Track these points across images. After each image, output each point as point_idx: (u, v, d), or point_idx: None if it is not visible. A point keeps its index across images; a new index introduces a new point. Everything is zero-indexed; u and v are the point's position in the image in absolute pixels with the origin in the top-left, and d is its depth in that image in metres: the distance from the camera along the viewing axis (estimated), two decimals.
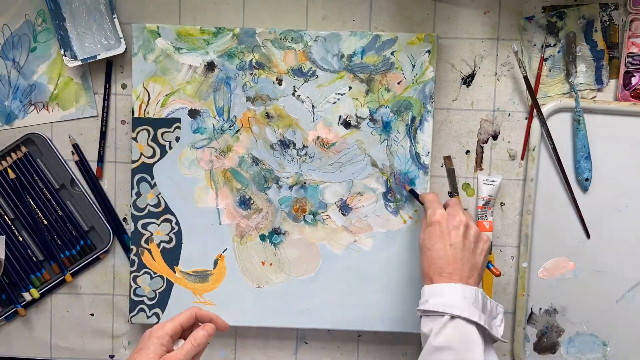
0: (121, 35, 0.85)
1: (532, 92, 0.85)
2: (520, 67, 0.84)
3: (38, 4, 0.86)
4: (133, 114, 0.85)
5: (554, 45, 0.86)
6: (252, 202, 0.86)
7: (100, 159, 0.88)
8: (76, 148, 0.88)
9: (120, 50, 0.85)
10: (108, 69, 0.87)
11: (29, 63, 0.87)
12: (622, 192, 0.87)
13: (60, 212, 0.87)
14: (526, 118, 0.87)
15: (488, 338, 0.70)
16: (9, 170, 0.87)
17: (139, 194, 0.85)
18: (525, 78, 0.84)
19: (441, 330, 0.67)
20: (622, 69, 0.86)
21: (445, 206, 0.76)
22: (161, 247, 0.86)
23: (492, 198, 0.86)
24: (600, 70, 0.86)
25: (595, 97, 0.86)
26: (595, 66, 0.86)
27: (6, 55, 0.87)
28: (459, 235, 0.72)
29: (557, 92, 0.85)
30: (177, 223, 0.86)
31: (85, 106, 0.88)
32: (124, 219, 0.89)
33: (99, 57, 0.84)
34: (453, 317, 0.68)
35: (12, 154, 0.87)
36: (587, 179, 0.86)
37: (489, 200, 0.86)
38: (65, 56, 0.84)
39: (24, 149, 0.87)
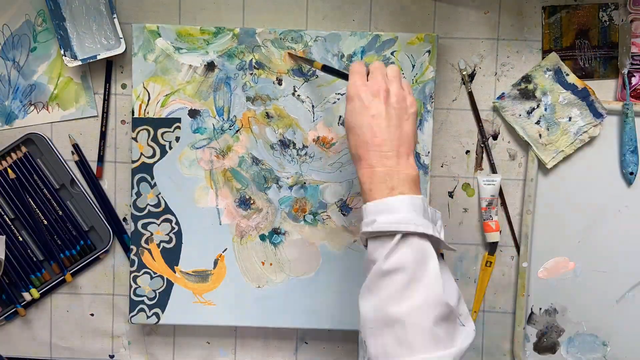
0: (121, 35, 0.84)
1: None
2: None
3: (38, 4, 0.86)
4: (133, 114, 0.85)
5: (538, 106, 0.86)
6: (252, 202, 0.86)
7: (100, 159, 0.88)
8: (76, 148, 0.88)
9: (120, 50, 0.85)
10: (108, 69, 0.87)
11: (29, 63, 0.87)
12: (623, 192, 0.87)
13: (60, 212, 0.87)
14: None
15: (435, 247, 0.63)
16: (9, 170, 0.87)
17: (139, 194, 0.85)
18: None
19: (393, 251, 0.60)
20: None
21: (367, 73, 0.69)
22: (161, 247, 0.86)
23: (495, 197, 0.86)
24: (592, 105, 0.85)
25: (599, 130, 0.86)
26: (586, 104, 0.85)
27: (6, 55, 0.87)
28: (380, 103, 0.65)
29: (566, 143, 0.85)
30: (177, 223, 0.86)
31: (85, 106, 0.88)
32: (124, 219, 0.89)
33: (98, 57, 0.84)
34: (404, 234, 0.60)
35: (12, 154, 0.87)
36: (631, 173, 0.86)
37: (492, 200, 0.86)
38: (65, 56, 0.84)
39: (24, 149, 0.87)
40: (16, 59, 0.87)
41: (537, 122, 0.86)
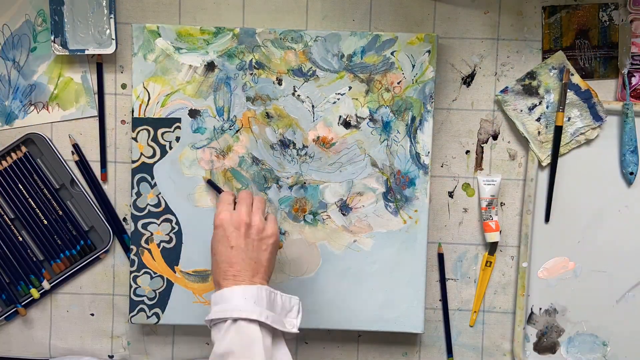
0: (114, 37, 0.84)
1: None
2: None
3: (38, 3, 0.86)
4: (133, 114, 0.85)
5: (540, 103, 0.86)
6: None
7: (104, 164, 0.88)
8: (76, 148, 0.88)
9: (110, 50, 0.85)
10: (99, 70, 0.87)
11: (29, 63, 0.87)
12: (623, 192, 0.87)
13: (60, 212, 0.87)
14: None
15: (280, 332, 0.70)
16: (9, 170, 0.87)
17: (139, 194, 0.85)
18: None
19: (224, 336, 0.66)
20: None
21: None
22: (161, 247, 0.86)
23: (495, 197, 0.86)
24: (594, 108, 0.85)
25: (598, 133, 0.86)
26: (587, 106, 0.85)
27: (6, 55, 0.87)
28: (240, 236, 0.71)
29: (562, 143, 0.85)
30: (177, 223, 0.86)
31: (85, 106, 0.88)
32: (124, 219, 0.89)
33: (87, 52, 0.84)
34: (235, 320, 0.67)
35: (12, 154, 0.87)
36: (631, 173, 0.86)
37: (492, 200, 0.86)
38: (54, 42, 0.84)
39: (24, 148, 0.87)
40: (16, 59, 0.87)
41: (538, 119, 0.86)
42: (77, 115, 0.88)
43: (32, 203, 0.87)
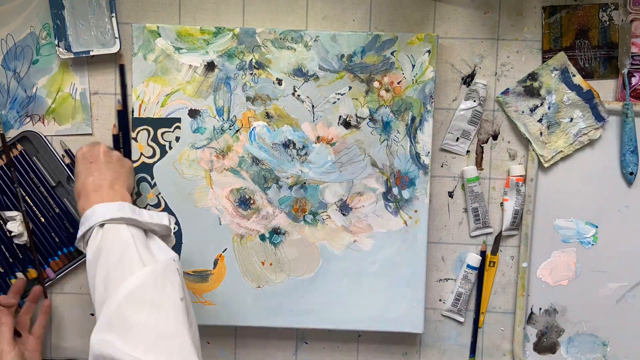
0: (117, 35, 0.84)
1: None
2: None
3: (44, 17, 0.86)
4: (133, 114, 0.85)
5: (542, 104, 0.86)
6: (252, 202, 0.86)
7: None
8: (68, 153, 0.88)
9: (115, 49, 0.84)
10: (121, 71, 0.87)
11: (30, 75, 0.87)
12: (623, 192, 0.87)
13: (57, 210, 0.87)
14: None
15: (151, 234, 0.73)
16: (5, 168, 0.87)
17: (139, 194, 0.85)
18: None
19: (92, 241, 0.69)
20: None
21: None
22: None
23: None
24: (596, 108, 0.85)
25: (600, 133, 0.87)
26: (589, 106, 0.85)
27: (7, 64, 0.86)
28: (99, 154, 0.78)
29: (565, 144, 0.85)
30: (177, 223, 0.86)
31: (80, 123, 0.87)
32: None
33: (92, 53, 0.84)
34: (101, 225, 0.70)
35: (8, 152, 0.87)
36: (631, 173, 0.86)
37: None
38: (58, 47, 0.84)
39: (19, 146, 0.87)
40: (17, 69, 0.86)
41: (539, 120, 0.86)
42: (72, 132, 0.87)
43: (29, 201, 0.87)
